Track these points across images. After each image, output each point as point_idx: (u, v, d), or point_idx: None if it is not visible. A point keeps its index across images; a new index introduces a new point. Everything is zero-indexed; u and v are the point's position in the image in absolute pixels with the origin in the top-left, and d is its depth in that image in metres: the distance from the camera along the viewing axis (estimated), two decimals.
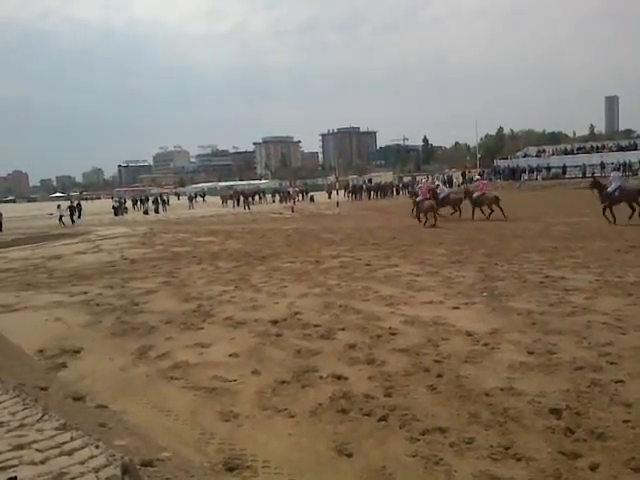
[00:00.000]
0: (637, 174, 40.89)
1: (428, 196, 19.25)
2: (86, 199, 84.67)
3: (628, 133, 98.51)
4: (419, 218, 19.19)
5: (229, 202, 43.89)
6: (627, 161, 42.70)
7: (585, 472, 3.00)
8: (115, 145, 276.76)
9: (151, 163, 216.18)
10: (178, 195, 64.59)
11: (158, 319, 6.87)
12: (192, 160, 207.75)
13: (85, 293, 8.86)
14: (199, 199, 57.96)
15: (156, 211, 39.89)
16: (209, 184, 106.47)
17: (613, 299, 6.71)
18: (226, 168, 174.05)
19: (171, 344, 5.81)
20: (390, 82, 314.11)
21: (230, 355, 5.32)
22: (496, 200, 19.32)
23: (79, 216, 32.97)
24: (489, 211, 19.49)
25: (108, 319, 7.03)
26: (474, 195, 20.29)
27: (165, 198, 47.47)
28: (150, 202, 42.96)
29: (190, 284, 9.29)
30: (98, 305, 7.92)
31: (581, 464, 3.07)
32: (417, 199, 19.91)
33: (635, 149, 45.97)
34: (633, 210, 15.33)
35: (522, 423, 3.56)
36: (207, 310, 7.25)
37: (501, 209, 18.92)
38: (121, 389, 4.61)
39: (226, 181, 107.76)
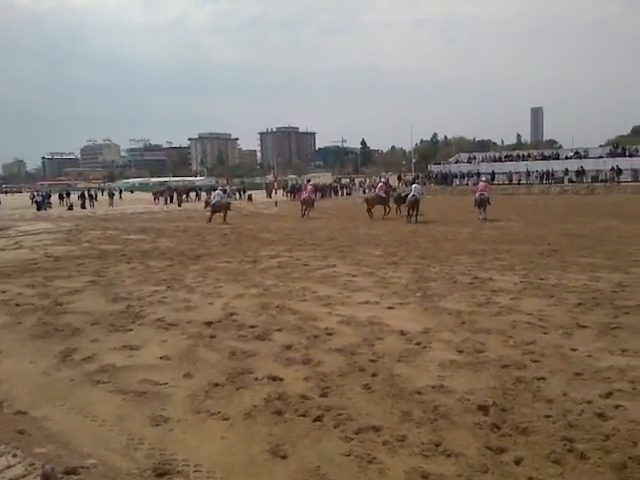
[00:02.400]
0: (562, 182, 43.20)
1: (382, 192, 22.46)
2: (6, 192, 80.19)
3: (551, 143, 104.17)
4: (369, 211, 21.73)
5: (161, 199, 42.77)
6: (550, 169, 45.00)
7: (510, 466, 3.10)
8: (41, 137, 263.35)
9: (78, 156, 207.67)
10: (103, 190, 61.25)
11: (84, 320, 6.55)
12: (123, 154, 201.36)
13: (3, 292, 8.34)
14: (121, 194, 54.16)
15: (82, 206, 38.18)
16: (140, 179, 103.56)
17: (536, 300, 7.03)
18: (159, 163, 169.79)
19: (97, 346, 5.55)
20: (331, 84, 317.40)
21: (161, 358, 5.15)
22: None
23: None
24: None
25: (29, 320, 6.65)
26: (476, 195, 20.59)
27: (93, 193, 45.56)
28: (76, 197, 41.09)
29: (119, 283, 8.95)
30: (18, 305, 7.47)
31: (506, 458, 3.18)
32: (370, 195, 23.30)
33: (557, 158, 48.54)
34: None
35: (452, 420, 3.66)
36: (137, 311, 7.00)
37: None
38: (43, 394, 4.37)
39: (159, 177, 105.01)
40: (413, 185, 21.60)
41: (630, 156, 44.20)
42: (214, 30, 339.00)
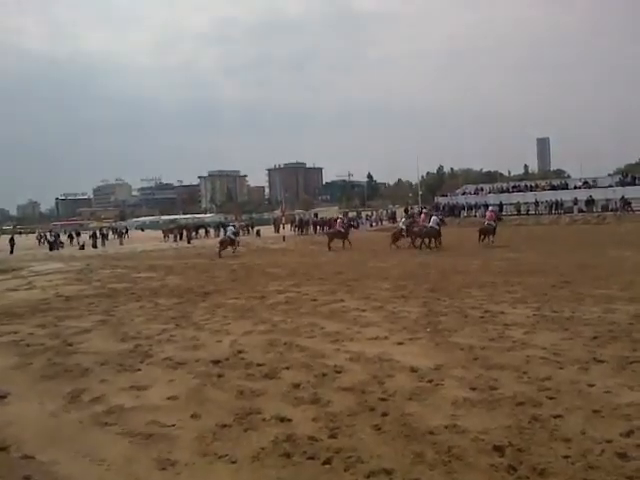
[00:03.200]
0: (572, 212, 43.08)
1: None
2: (20, 233, 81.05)
3: (559, 173, 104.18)
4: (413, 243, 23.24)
5: (170, 236, 43.03)
6: (559, 199, 44.94)
7: None
8: (56, 178, 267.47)
9: (91, 196, 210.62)
10: (115, 230, 61.49)
11: (93, 360, 6.53)
12: (134, 194, 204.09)
13: (15, 333, 8.36)
14: (127, 233, 53.18)
15: (94, 246, 38.49)
16: (151, 217, 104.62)
17: (550, 334, 6.91)
18: (169, 202, 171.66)
19: (106, 387, 5.52)
20: (337, 120, 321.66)
21: (169, 398, 5.10)
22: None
23: (11, 251, 31.47)
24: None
25: (39, 360, 6.64)
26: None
27: (104, 232, 45.99)
28: (87, 236, 41.48)
29: (128, 322, 8.94)
30: (28, 345, 7.48)
31: None
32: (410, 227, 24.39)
33: (566, 188, 48.53)
34: None
35: (466, 461, 3.55)
36: (145, 350, 6.97)
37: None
38: (50, 437, 4.33)
39: (169, 215, 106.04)
40: (432, 217, 23.68)
41: None
42: (221, 70, 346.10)
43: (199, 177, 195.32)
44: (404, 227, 25.21)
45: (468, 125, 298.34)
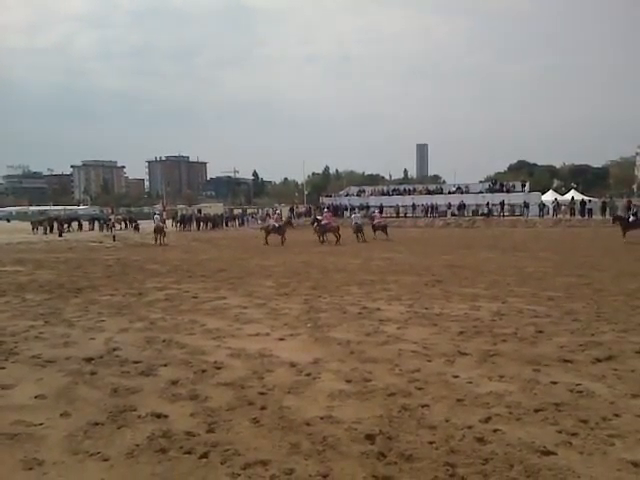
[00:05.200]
0: (445, 215, 46.16)
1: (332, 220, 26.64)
2: None
3: (436, 178, 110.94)
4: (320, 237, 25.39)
5: (40, 228, 40.00)
6: (435, 203, 48.01)
7: None
8: None
9: None
10: None
11: None
12: None
13: None
14: None
15: None
16: (18, 208, 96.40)
17: (421, 329, 7.37)
18: (39, 191, 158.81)
19: None
20: (223, 115, 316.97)
21: (36, 397, 4.81)
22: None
23: None
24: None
25: None
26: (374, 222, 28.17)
27: None
28: None
29: None
30: None
31: None
32: (321, 222, 25.97)
33: (441, 193, 52.16)
34: None
35: (339, 450, 3.71)
36: (10, 347, 6.51)
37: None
38: None
39: (39, 205, 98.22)
40: (353, 215, 29.94)
41: (507, 191, 48.58)
42: (99, 56, 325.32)
43: (72, 166, 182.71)
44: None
45: (353, 130, 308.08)
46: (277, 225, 25.88)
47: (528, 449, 3.67)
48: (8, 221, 67.18)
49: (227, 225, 48.07)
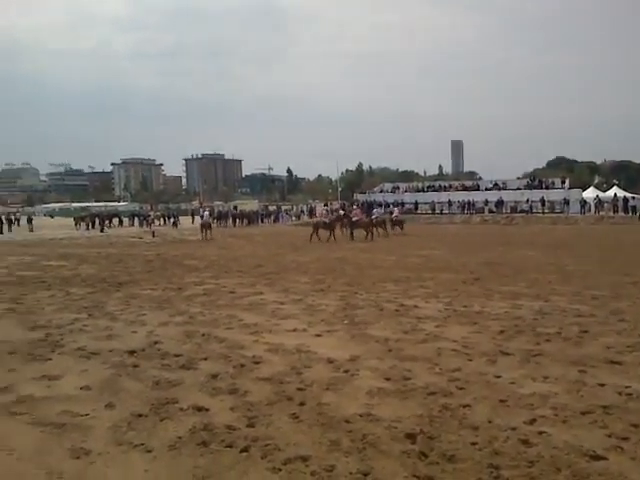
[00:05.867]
0: (482, 212, 45.35)
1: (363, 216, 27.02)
2: None
3: (472, 175, 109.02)
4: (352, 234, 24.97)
5: (82, 224, 41.12)
6: (471, 200, 47.19)
7: None
8: None
9: None
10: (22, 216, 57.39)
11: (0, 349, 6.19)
12: (43, 179, 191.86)
13: None
14: (39, 220, 51.44)
15: None
16: (61, 204, 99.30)
17: (460, 327, 7.24)
18: (81, 188, 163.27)
19: (14, 376, 5.27)
20: (257, 113, 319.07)
21: (82, 388, 4.92)
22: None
23: None
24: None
25: None
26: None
27: (11, 218, 43.17)
28: None
29: (37, 311, 8.51)
30: None
31: None
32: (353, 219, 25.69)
33: (477, 189, 51.12)
34: None
35: (380, 449, 3.66)
36: (56, 339, 6.68)
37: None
38: None
39: (80, 202, 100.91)
40: (374, 210, 31.90)
41: (546, 188, 47.26)
42: (135, 57, 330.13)
43: (112, 164, 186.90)
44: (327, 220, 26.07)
45: (388, 127, 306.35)
46: (326, 221, 25.58)
47: (576, 453, 3.55)
48: (52, 217, 69.10)
49: (262, 221, 48.43)
